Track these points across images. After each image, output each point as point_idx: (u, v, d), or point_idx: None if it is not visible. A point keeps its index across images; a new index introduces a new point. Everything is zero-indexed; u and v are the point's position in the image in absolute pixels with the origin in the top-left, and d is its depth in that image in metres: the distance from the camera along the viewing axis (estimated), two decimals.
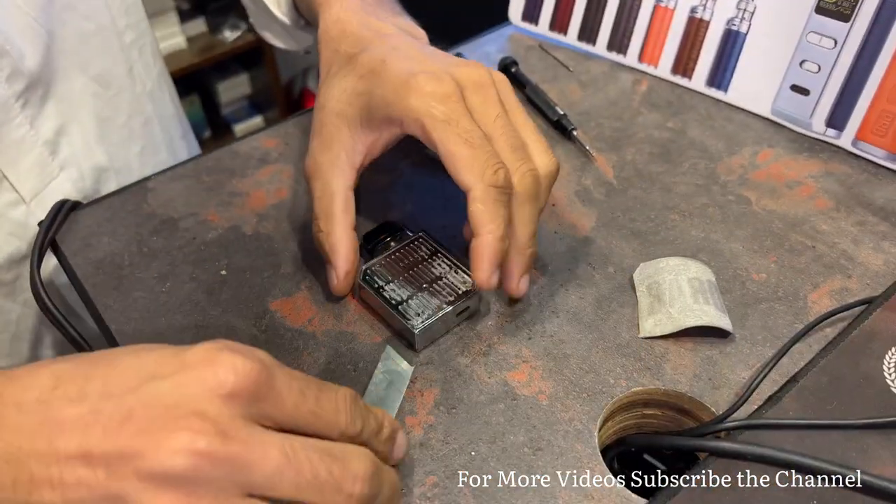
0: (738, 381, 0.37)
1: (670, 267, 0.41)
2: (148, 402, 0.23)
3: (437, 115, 0.36)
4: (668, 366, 0.37)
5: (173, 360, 0.24)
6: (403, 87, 0.37)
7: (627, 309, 0.41)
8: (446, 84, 0.37)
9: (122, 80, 0.57)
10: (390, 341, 0.39)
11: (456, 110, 0.36)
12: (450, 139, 0.36)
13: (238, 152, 0.52)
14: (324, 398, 0.27)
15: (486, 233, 0.35)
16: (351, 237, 0.40)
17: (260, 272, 0.43)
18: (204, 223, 0.47)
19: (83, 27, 0.52)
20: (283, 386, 0.25)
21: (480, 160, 0.35)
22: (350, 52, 0.42)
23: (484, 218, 0.35)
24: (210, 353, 0.24)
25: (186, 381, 0.24)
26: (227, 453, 0.23)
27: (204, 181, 0.50)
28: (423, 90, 0.37)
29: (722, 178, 0.50)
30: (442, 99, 0.36)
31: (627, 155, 0.52)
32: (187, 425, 0.23)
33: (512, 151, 0.37)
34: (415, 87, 0.37)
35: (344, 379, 0.37)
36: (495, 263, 0.36)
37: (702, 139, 0.54)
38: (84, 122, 0.54)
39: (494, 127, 0.37)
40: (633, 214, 0.47)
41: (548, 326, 0.40)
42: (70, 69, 0.52)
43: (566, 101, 0.58)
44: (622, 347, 0.38)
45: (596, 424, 0.35)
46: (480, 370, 0.38)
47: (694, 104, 0.57)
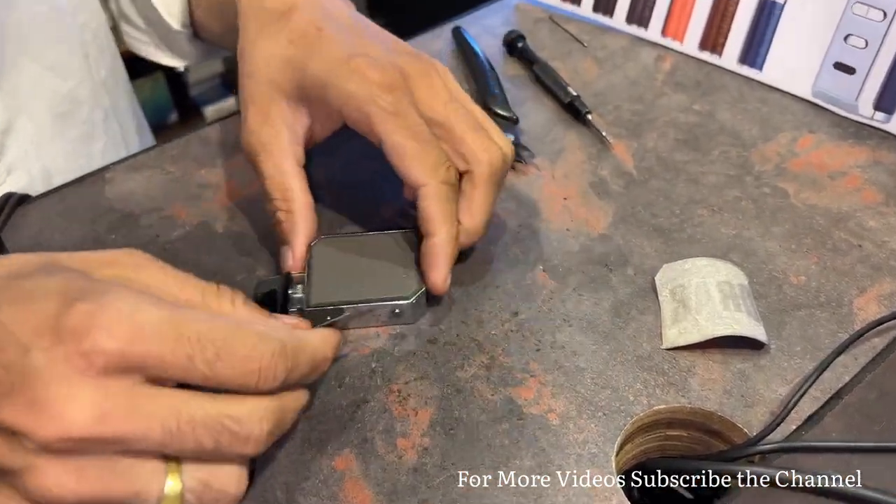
0: (773, 398, 0.37)
1: (697, 269, 0.41)
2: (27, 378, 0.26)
3: (385, 105, 0.37)
4: (695, 381, 0.37)
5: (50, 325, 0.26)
6: (343, 69, 0.38)
7: (649, 316, 0.41)
8: (391, 73, 0.38)
9: (79, 68, 0.56)
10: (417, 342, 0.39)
11: (403, 102, 0.38)
12: (398, 132, 0.37)
13: (208, 139, 0.52)
14: (228, 355, 0.28)
15: (443, 233, 0.38)
16: (311, 218, 0.41)
17: (233, 275, 0.43)
18: (168, 219, 0.46)
19: (34, 10, 0.52)
20: (166, 350, 0.27)
21: (432, 156, 0.37)
22: (278, 9, 0.42)
23: (439, 217, 0.38)
24: (84, 320, 0.26)
25: (59, 359, 0.26)
26: (102, 434, 0.26)
27: (169, 172, 0.50)
28: (366, 76, 0.37)
29: (756, 167, 0.50)
30: (388, 88, 0.37)
31: (649, 141, 0.52)
32: (61, 410, 0.26)
33: (474, 132, 0.39)
34: (357, 71, 0.37)
35: (329, 396, 0.37)
36: (450, 265, 0.39)
37: (733, 124, 0.53)
38: (36, 119, 0.53)
39: (447, 112, 0.39)
40: (656, 209, 0.47)
41: (558, 336, 0.40)
42: (19, 58, 0.51)
43: (580, 81, 0.58)
44: (643, 360, 0.38)
45: (613, 447, 0.35)
46: (482, 386, 0.38)
47: (724, 84, 0.57)
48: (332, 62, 0.38)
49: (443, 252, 0.38)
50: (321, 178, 0.49)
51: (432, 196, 0.37)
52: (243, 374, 0.29)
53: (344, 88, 0.38)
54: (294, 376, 0.31)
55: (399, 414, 0.36)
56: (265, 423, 0.29)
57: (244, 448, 0.29)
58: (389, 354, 0.39)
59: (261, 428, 0.29)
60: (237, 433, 0.29)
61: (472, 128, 0.39)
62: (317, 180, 0.43)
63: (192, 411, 0.28)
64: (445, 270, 0.38)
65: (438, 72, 0.41)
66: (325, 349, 0.33)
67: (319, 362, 0.33)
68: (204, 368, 0.28)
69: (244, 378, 0.29)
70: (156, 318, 0.27)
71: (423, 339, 0.40)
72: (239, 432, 0.28)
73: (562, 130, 0.54)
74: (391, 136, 0.37)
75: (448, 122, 0.39)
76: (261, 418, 0.29)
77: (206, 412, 0.28)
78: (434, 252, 0.38)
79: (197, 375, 0.28)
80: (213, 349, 0.28)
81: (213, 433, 0.28)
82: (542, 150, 0.52)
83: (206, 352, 0.28)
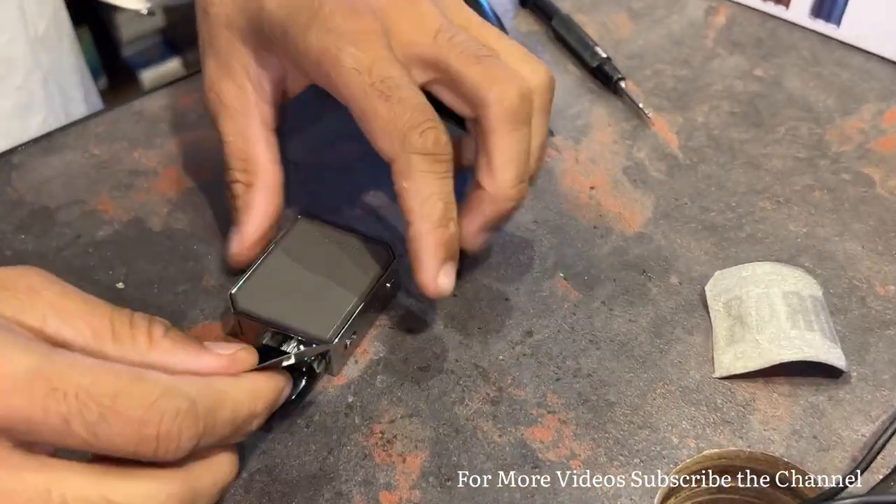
0: (854, 440, 0.36)
1: (758, 277, 0.41)
2: None
3: (346, 60, 0.36)
4: (756, 418, 0.37)
5: None
6: (304, 13, 0.37)
7: (697, 337, 0.41)
8: (364, 17, 0.37)
9: (13, 23, 0.56)
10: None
11: (371, 52, 0.36)
12: (360, 93, 0.36)
13: (143, 112, 0.52)
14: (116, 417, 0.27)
15: (417, 218, 0.36)
16: (276, 196, 0.41)
17: (173, 285, 0.43)
18: (92, 215, 0.46)
19: None
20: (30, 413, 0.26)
21: (402, 119, 0.36)
22: None
23: (413, 200, 0.36)
24: None
25: None
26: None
27: (93, 155, 0.50)
28: (328, 24, 0.37)
29: (833, 148, 0.50)
30: (354, 38, 0.36)
31: (698, 116, 0.52)
32: None
33: (477, 62, 0.37)
34: (320, 17, 0.37)
35: (294, 439, 0.37)
36: (441, 258, 0.37)
37: (804, 93, 0.53)
38: None
39: (438, 44, 0.38)
40: (706, 201, 0.47)
41: (583, 361, 0.40)
42: None
43: (611, 40, 0.57)
44: (690, 392, 0.38)
45: (654, 502, 0.35)
46: (487, 425, 0.37)
47: (793, 43, 0.57)
48: (293, 4, 0.38)
49: (423, 243, 0.37)
50: (294, 156, 0.49)
51: (401, 174, 0.36)
52: (136, 441, 0.27)
53: (302, 39, 0.37)
54: (209, 441, 0.29)
55: (383, 461, 0.36)
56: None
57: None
58: (370, 385, 0.39)
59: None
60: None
61: (474, 57, 0.38)
62: (289, 159, 0.43)
63: (64, 490, 0.27)
64: (431, 267, 0.37)
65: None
66: (254, 404, 0.31)
67: (243, 422, 0.31)
68: (83, 433, 0.27)
69: (137, 446, 0.27)
70: (23, 368, 0.26)
71: (413, 366, 0.40)
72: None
73: (588, 102, 0.54)
74: (354, 101, 0.36)
75: (439, 57, 0.38)
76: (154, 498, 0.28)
77: (84, 495, 0.27)
78: (413, 244, 0.37)
79: (75, 441, 0.27)
80: (97, 409, 0.26)
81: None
82: (563, 128, 0.52)
83: (87, 412, 0.26)
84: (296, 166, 0.49)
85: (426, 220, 0.36)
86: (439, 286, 0.37)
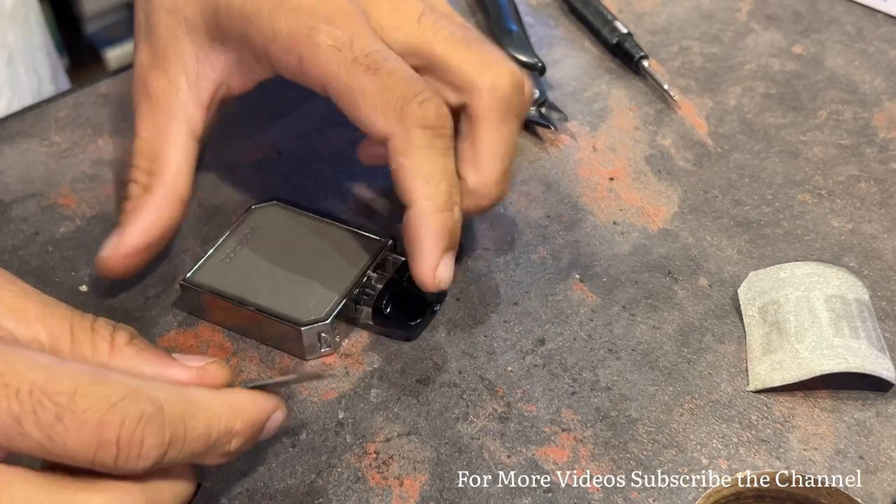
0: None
1: (798, 278, 0.41)
2: None
3: (322, 38, 0.37)
4: (795, 436, 0.37)
5: None
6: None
7: (729, 345, 0.41)
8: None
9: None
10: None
11: (349, 27, 0.37)
12: (341, 71, 0.36)
13: (109, 95, 0.52)
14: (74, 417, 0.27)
15: (419, 199, 0.37)
16: (173, 208, 0.41)
17: (143, 288, 0.43)
18: (52, 210, 0.46)
19: None
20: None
21: (396, 90, 0.36)
22: None
23: (414, 180, 0.37)
24: None
25: None
26: None
27: (53, 142, 0.50)
28: (298, 4, 0.37)
29: (881, 134, 0.50)
30: (329, 16, 0.37)
31: (730, 98, 0.52)
32: None
33: (467, 48, 0.38)
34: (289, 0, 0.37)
35: (279, 460, 0.37)
36: (442, 246, 0.37)
37: (848, 73, 0.53)
38: None
39: (422, 28, 0.38)
40: (739, 194, 0.47)
41: (602, 373, 0.40)
42: None
43: (632, 13, 0.57)
44: (721, 407, 0.38)
45: None
46: (495, 444, 0.37)
47: (835, 17, 0.57)
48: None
49: (426, 228, 0.37)
50: (270, 145, 0.49)
51: (399, 151, 0.36)
52: (95, 446, 0.27)
53: (270, 24, 0.37)
54: (176, 454, 0.29)
55: (377, 484, 0.36)
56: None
57: None
58: (363, 399, 0.39)
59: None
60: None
61: (462, 41, 0.39)
62: (265, 148, 0.43)
63: (12, 500, 0.27)
64: (433, 255, 0.37)
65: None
66: (232, 421, 0.31)
67: (218, 438, 0.30)
68: (37, 435, 0.26)
69: (96, 452, 0.27)
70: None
71: (411, 379, 0.40)
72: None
73: (606, 83, 0.54)
74: (336, 79, 0.37)
75: (424, 43, 0.38)
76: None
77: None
78: (413, 230, 0.37)
79: (28, 444, 0.27)
80: (53, 408, 0.26)
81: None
82: (579, 112, 0.52)
83: (41, 412, 0.26)
84: (280, 155, 0.49)
85: (429, 201, 0.37)
86: (438, 278, 0.37)
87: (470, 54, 0.38)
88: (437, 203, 0.37)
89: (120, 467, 0.28)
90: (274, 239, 0.42)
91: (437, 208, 0.37)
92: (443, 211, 0.37)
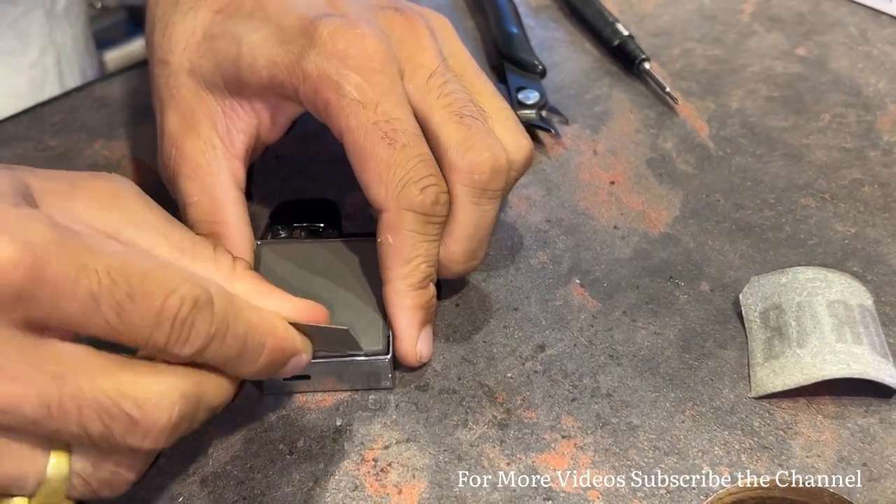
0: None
1: (800, 283, 0.41)
2: None
3: (348, 88, 0.37)
4: (798, 443, 0.37)
5: None
6: (298, 42, 0.37)
7: (731, 351, 0.41)
8: (370, 40, 0.37)
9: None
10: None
11: (379, 84, 0.37)
12: (360, 130, 0.37)
13: (105, 98, 0.52)
14: (138, 302, 0.28)
15: (396, 279, 0.38)
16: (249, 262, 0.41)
17: None
18: None
19: None
20: (64, 282, 0.27)
21: (402, 169, 0.37)
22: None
23: (395, 259, 0.38)
24: None
25: None
26: None
27: (49, 147, 0.50)
28: (328, 46, 0.37)
29: (885, 137, 0.50)
30: (360, 64, 0.37)
31: (732, 101, 0.52)
32: None
33: (458, 122, 0.38)
34: (318, 42, 0.37)
35: (275, 467, 0.37)
36: (420, 321, 0.38)
37: (852, 75, 0.53)
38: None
39: (428, 90, 0.39)
40: (741, 197, 0.47)
41: (602, 380, 0.40)
42: None
43: (633, 15, 0.57)
44: (723, 413, 0.38)
45: None
46: (494, 451, 0.37)
47: (839, 18, 0.57)
48: (284, 29, 0.38)
49: (400, 306, 0.38)
50: (277, 147, 0.49)
51: (388, 227, 0.37)
52: (153, 324, 0.29)
53: (296, 65, 0.37)
54: (216, 350, 0.31)
55: (376, 492, 0.36)
56: (175, 411, 0.30)
57: (141, 442, 0.29)
58: (362, 407, 0.39)
59: (168, 417, 0.29)
60: (136, 422, 0.29)
61: (458, 114, 0.38)
62: (262, 158, 0.43)
63: (80, 383, 0.28)
64: (410, 333, 0.38)
65: (430, 28, 0.40)
66: (265, 336, 0.33)
67: (251, 348, 0.32)
68: (110, 315, 0.28)
69: (153, 331, 0.29)
70: (48, 237, 0.27)
71: (409, 385, 0.40)
72: (139, 421, 0.29)
73: (607, 86, 0.54)
74: (353, 135, 0.37)
75: (425, 108, 0.39)
76: (171, 403, 0.29)
77: (100, 387, 0.28)
78: (389, 307, 0.38)
79: (97, 322, 0.28)
80: (126, 289, 0.28)
81: (103, 418, 0.28)
82: (580, 115, 0.52)
83: (117, 291, 0.28)
84: (278, 159, 0.49)
85: (404, 281, 0.38)
86: (419, 354, 0.39)
87: (458, 132, 0.38)
88: (411, 283, 0.38)
89: (168, 349, 0.29)
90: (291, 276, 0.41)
91: (411, 287, 0.38)
92: (416, 289, 0.38)
